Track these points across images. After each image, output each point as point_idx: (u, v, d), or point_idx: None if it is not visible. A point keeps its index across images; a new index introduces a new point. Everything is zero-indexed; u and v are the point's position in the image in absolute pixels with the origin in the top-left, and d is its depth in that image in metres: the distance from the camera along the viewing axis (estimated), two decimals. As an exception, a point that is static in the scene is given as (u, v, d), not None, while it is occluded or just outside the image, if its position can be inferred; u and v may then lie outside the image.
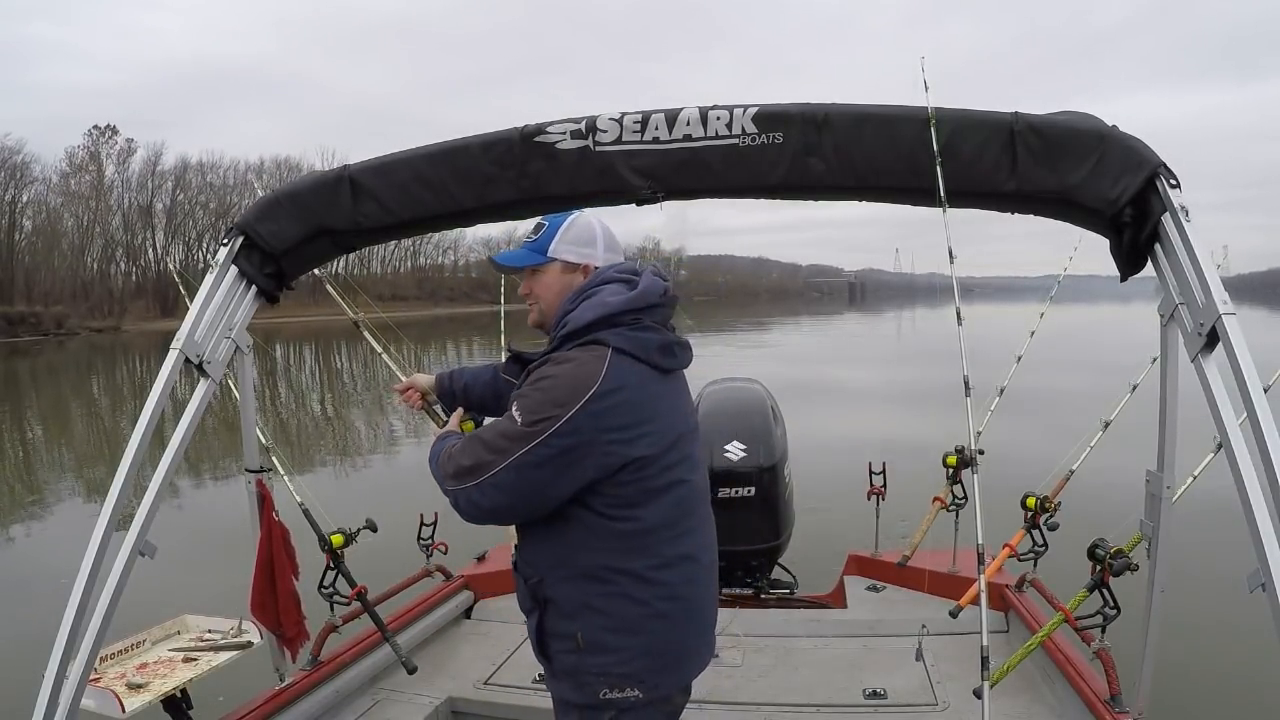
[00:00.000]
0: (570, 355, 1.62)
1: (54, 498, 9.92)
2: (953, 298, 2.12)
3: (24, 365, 33.02)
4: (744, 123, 2.06)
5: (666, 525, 1.64)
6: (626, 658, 1.62)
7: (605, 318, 1.63)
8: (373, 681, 2.99)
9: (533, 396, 1.59)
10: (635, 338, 1.62)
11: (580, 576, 1.64)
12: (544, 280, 1.80)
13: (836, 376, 19.51)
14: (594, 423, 1.54)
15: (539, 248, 1.80)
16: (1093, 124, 1.94)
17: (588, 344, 1.62)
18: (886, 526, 3.96)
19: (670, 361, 1.69)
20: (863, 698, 2.79)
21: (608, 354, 1.59)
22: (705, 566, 1.75)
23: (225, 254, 2.28)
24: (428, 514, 3.51)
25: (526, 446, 1.55)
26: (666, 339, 1.69)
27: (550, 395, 1.57)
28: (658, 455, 1.61)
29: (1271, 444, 1.51)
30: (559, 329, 1.69)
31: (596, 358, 1.59)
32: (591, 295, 1.69)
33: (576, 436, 1.53)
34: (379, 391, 18.48)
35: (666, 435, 1.64)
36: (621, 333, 1.62)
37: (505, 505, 1.62)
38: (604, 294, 1.68)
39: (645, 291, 1.67)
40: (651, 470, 1.60)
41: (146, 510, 1.93)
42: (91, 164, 68.41)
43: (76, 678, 1.76)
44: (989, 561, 2.87)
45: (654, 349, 1.64)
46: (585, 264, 1.79)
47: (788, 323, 54.02)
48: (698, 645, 1.76)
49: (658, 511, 1.62)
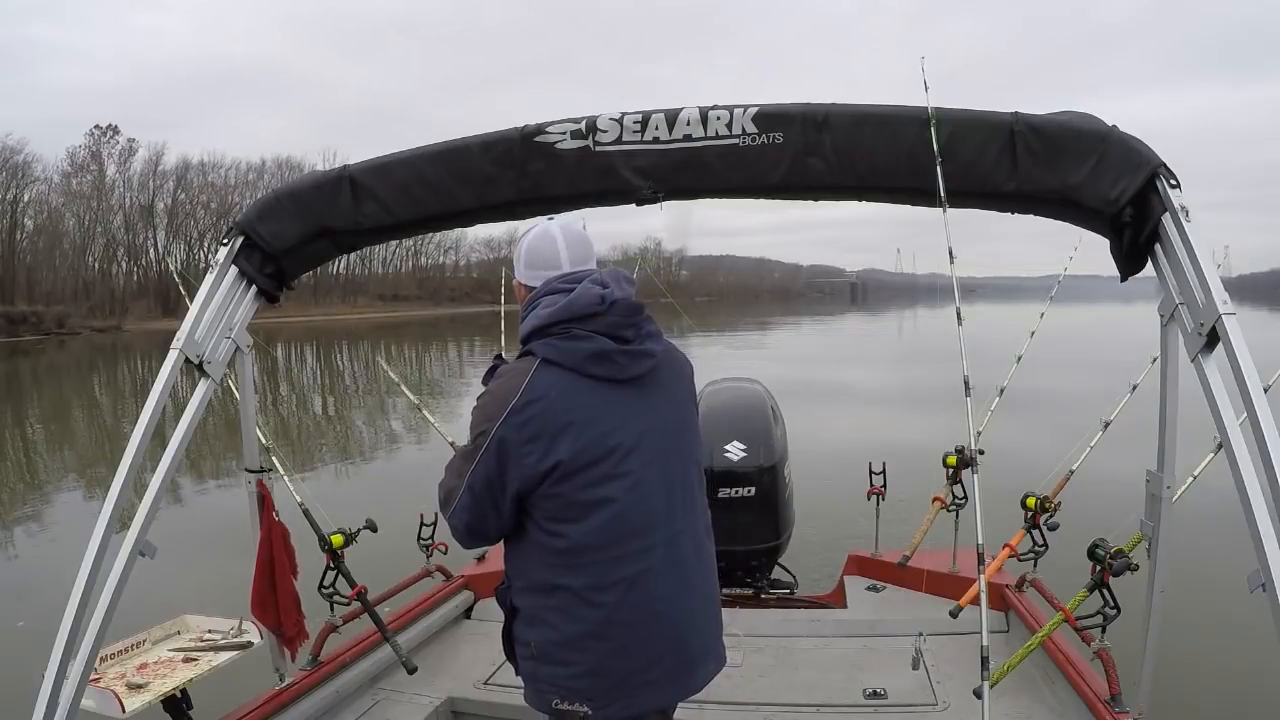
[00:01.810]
0: (506, 368, 1.69)
1: (55, 498, 9.92)
2: (954, 298, 2.12)
3: (25, 365, 33.03)
4: (744, 123, 2.06)
5: (599, 546, 1.58)
6: (575, 673, 1.63)
7: (537, 329, 1.65)
8: (373, 681, 2.99)
9: (474, 414, 1.65)
10: (561, 346, 1.62)
11: (532, 588, 1.67)
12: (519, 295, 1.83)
13: (837, 377, 19.50)
14: (516, 434, 1.56)
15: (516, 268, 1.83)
16: (1093, 124, 1.94)
17: (523, 355, 1.66)
18: (886, 526, 3.95)
19: (606, 369, 1.62)
20: (863, 698, 2.78)
21: (534, 364, 1.61)
22: (665, 595, 1.64)
23: (225, 254, 2.28)
24: (428, 514, 3.51)
25: (472, 465, 1.61)
26: (602, 347, 1.61)
27: (484, 410, 1.62)
28: (580, 468, 1.57)
29: (1271, 444, 1.51)
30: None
31: (521, 370, 1.62)
32: (535, 307, 1.70)
33: (501, 447, 1.57)
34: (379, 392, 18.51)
35: (593, 447, 1.58)
36: (550, 343, 1.62)
37: (477, 524, 1.66)
38: (540, 306, 1.68)
39: (573, 302, 1.63)
40: (574, 483, 1.57)
41: (146, 510, 1.93)
42: (93, 163, 68.42)
43: (76, 678, 1.77)
44: (989, 561, 2.87)
45: (583, 357, 1.60)
46: (527, 283, 1.78)
47: (789, 323, 54.01)
48: (670, 671, 1.67)
49: (586, 530, 1.58)
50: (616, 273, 1.73)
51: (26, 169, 60.03)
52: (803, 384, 14.55)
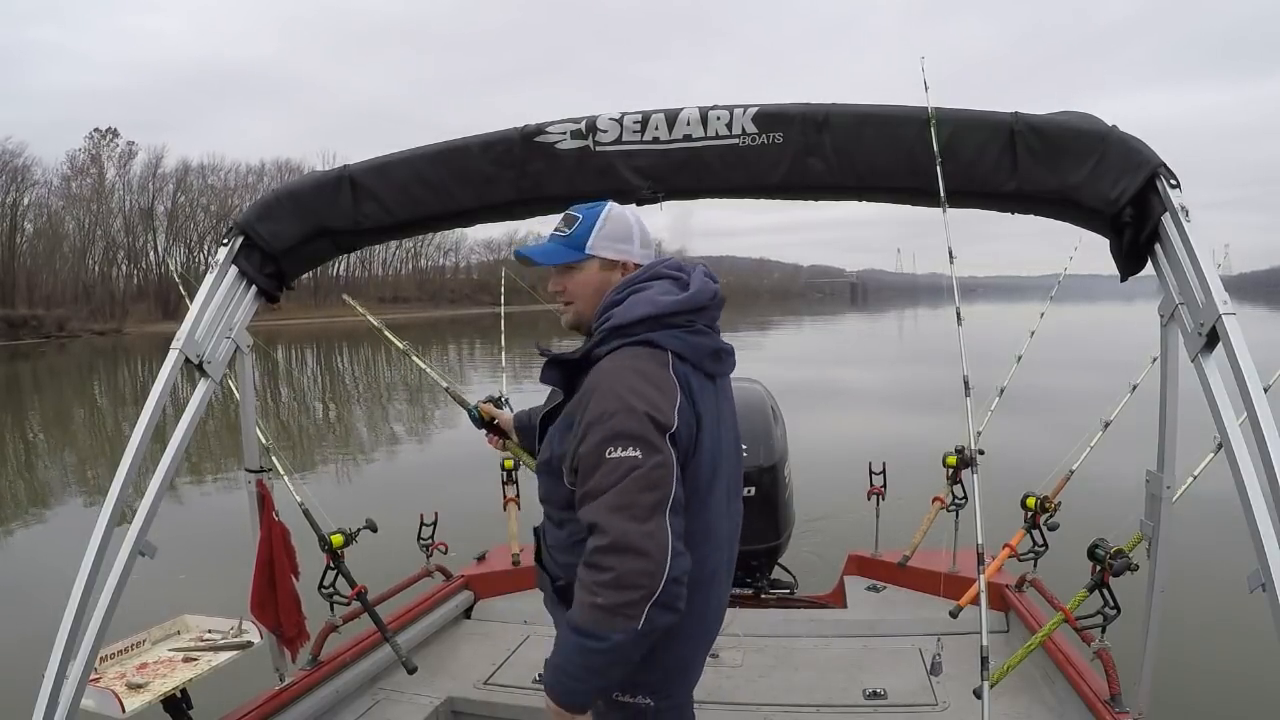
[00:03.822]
0: (626, 362, 1.50)
1: (55, 499, 9.92)
2: (954, 298, 2.12)
3: (25, 368, 33.03)
4: (744, 123, 2.06)
5: (692, 547, 1.49)
6: (642, 667, 1.60)
7: (655, 316, 1.53)
8: (373, 681, 2.99)
9: (624, 415, 1.43)
10: (689, 341, 1.54)
11: None
12: (580, 278, 1.66)
13: (837, 377, 19.51)
14: (684, 430, 1.47)
15: (575, 243, 1.66)
16: (1093, 124, 1.94)
17: (638, 343, 1.52)
18: (886, 526, 3.95)
19: (718, 368, 1.61)
20: (863, 698, 2.78)
21: (668, 357, 1.51)
22: (719, 590, 1.66)
23: (225, 254, 2.28)
24: (428, 514, 3.51)
25: (667, 470, 1.44)
26: (718, 345, 1.60)
27: (649, 404, 1.45)
28: (699, 469, 1.52)
29: (1271, 444, 1.51)
30: (603, 321, 1.58)
31: (660, 362, 1.49)
32: (640, 290, 1.58)
33: (675, 444, 1.46)
34: (380, 393, 18.50)
35: (713, 449, 1.55)
36: (676, 335, 1.53)
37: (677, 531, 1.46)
38: (654, 290, 1.57)
39: (698, 293, 1.57)
40: (689, 485, 1.50)
41: (146, 510, 1.93)
42: (93, 167, 68.49)
43: (76, 678, 1.76)
44: (989, 561, 2.87)
45: (705, 354, 1.56)
46: (624, 260, 1.67)
47: (789, 324, 54.00)
48: (703, 656, 1.73)
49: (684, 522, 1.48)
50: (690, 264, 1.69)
51: (26, 172, 60.17)
52: (803, 384, 14.56)
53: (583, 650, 1.40)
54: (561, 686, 1.45)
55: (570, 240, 1.67)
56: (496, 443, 2.35)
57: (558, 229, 1.71)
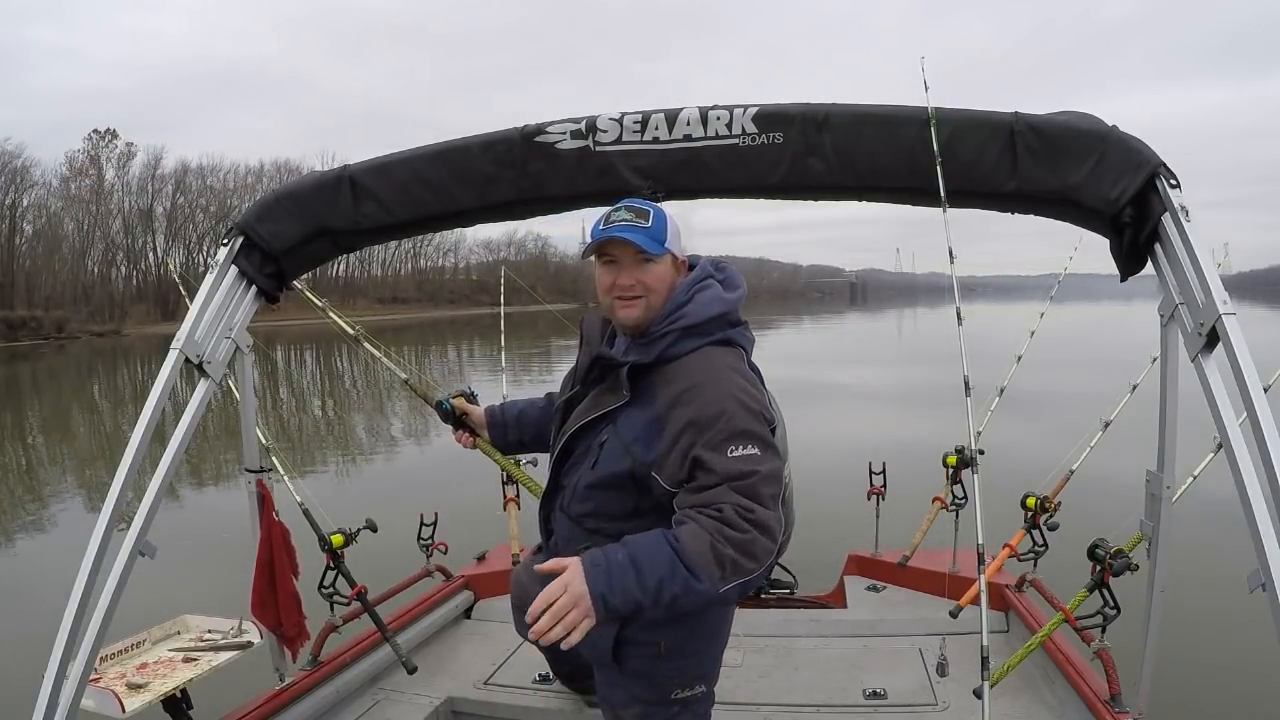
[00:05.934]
0: (720, 360, 1.55)
1: (54, 499, 9.91)
2: (954, 297, 2.12)
3: (25, 369, 33.01)
4: (744, 123, 2.06)
5: None
6: (703, 659, 1.65)
7: (725, 315, 1.58)
8: (373, 681, 2.99)
9: (738, 414, 1.49)
10: (750, 338, 1.64)
11: None
12: (658, 272, 1.68)
13: (837, 377, 19.49)
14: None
15: (656, 236, 1.67)
16: (1093, 124, 1.94)
17: (719, 342, 1.57)
18: (886, 526, 3.95)
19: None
20: (863, 698, 2.78)
21: (744, 355, 1.60)
22: None
23: (225, 254, 2.28)
24: (428, 514, 3.51)
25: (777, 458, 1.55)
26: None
27: (756, 399, 1.56)
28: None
29: (1271, 444, 1.51)
30: (672, 321, 1.60)
31: (743, 360, 1.58)
32: (704, 289, 1.61)
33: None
34: (380, 393, 18.49)
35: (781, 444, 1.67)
36: (743, 333, 1.62)
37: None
38: (715, 289, 1.61)
39: (745, 293, 1.65)
40: None
41: (146, 510, 1.93)
42: (91, 168, 68.36)
43: (76, 678, 1.76)
44: (989, 561, 2.87)
45: (752, 350, 1.67)
46: (683, 259, 1.71)
47: (788, 323, 53.98)
48: None
49: None
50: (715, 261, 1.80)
51: (25, 173, 60.10)
52: (803, 384, 14.56)
53: (672, 571, 1.38)
54: (613, 583, 1.38)
55: (652, 233, 1.66)
56: (467, 440, 2.34)
57: (630, 220, 1.66)
